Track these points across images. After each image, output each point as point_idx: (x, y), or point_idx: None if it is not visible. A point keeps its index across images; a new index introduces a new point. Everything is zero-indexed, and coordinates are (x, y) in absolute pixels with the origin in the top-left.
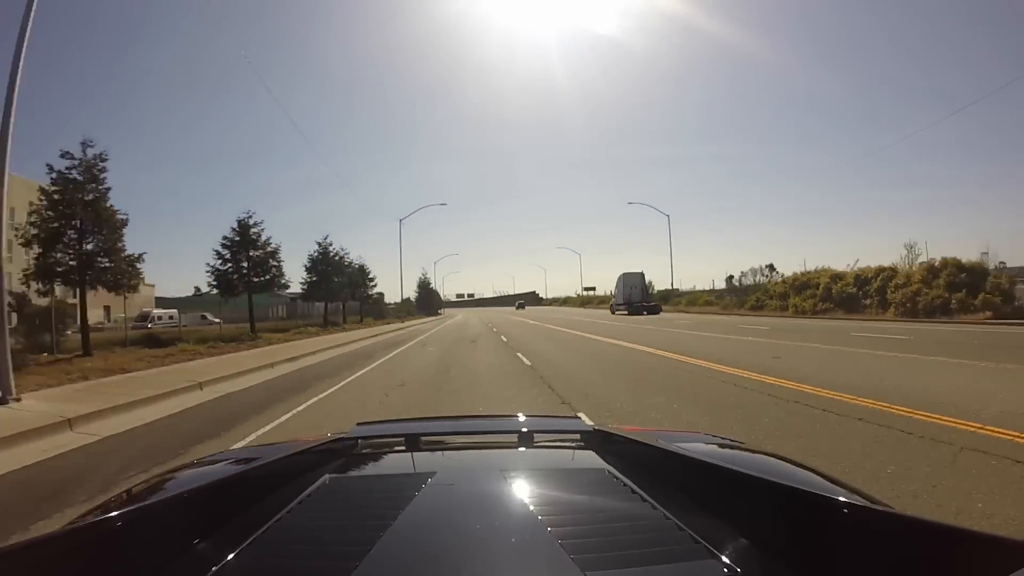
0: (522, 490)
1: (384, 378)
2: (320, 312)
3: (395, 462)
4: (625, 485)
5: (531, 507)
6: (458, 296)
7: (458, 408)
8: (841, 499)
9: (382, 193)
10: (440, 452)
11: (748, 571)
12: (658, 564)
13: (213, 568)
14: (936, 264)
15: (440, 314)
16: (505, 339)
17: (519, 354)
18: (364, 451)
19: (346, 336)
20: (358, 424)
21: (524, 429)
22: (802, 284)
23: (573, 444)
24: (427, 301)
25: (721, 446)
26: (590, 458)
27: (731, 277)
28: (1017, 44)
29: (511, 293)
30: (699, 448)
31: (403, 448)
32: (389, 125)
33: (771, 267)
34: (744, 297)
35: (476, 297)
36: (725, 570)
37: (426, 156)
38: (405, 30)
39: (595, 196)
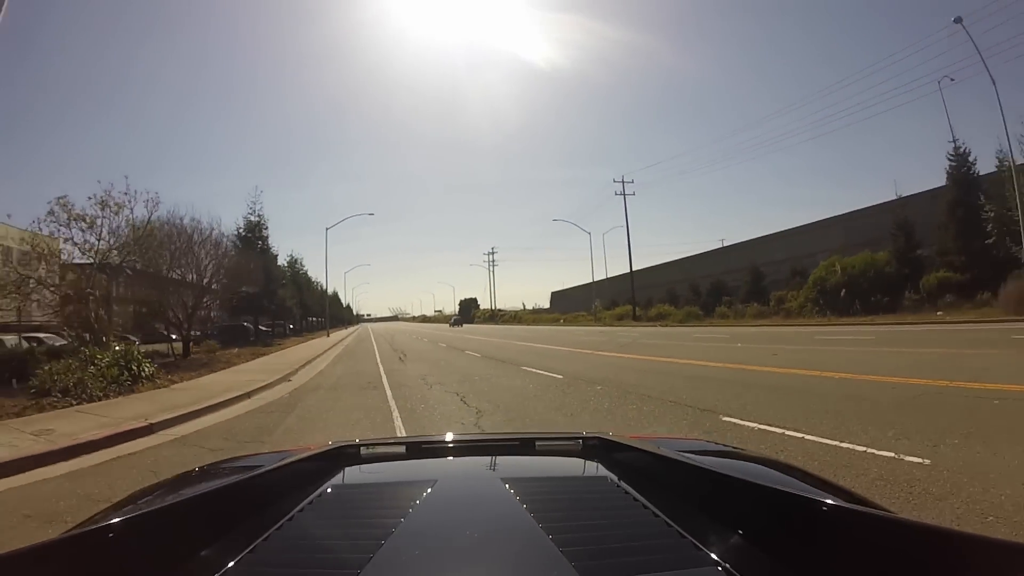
0: (523, 497)
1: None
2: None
3: (397, 470)
4: (627, 493)
5: (532, 514)
6: (367, 315)
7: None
8: (845, 505)
9: (287, 207)
10: (441, 460)
11: None
12: (660, 572)
13: (215, 575)
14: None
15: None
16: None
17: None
18: (366, 459)
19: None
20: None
21: (525, 436)
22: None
23: (574, 452)
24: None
25: (723, 453)
26: (591, 466)
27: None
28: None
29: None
30: (701, 456)
31: (405, 456)
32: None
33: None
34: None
35: (374, 317)
36: None
37: (338, 171)
38: (307, 41)
39: (509, 215)
